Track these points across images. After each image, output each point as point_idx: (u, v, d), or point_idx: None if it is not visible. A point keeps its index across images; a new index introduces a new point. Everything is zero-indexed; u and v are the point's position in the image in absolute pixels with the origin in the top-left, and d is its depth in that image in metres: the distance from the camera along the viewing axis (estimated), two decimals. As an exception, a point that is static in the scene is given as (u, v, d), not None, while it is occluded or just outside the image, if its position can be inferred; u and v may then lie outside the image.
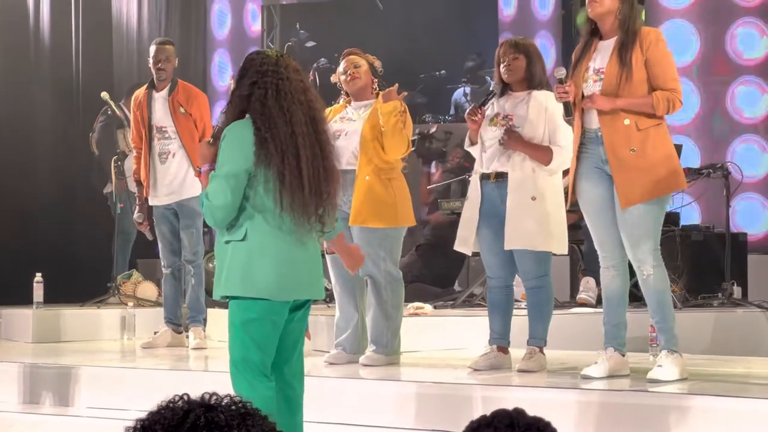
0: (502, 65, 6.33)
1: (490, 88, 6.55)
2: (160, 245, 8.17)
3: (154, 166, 8.00)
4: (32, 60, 11.10)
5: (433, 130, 11.95)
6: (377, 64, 6.84)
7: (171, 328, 8.18)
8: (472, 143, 6.45)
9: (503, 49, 6.37)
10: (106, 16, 11.94)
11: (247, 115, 4.45)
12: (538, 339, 6.30)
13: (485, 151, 6.35)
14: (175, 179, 7.90)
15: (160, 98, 8.06)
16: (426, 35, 12.44)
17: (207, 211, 4.41)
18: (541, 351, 6.28)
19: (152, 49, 8.17)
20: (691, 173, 8.86)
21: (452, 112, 12.44)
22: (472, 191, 6.44)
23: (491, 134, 6.33)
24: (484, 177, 6.35)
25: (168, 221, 8.06)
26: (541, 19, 12.08)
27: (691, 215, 10.43)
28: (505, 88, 6.39)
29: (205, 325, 8.13)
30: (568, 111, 5.75)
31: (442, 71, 12.61)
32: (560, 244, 6.32)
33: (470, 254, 6.57)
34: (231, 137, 4.42)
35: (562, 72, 5.70)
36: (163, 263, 8.17)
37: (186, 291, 8.13)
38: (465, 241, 6.42)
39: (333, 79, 6.95)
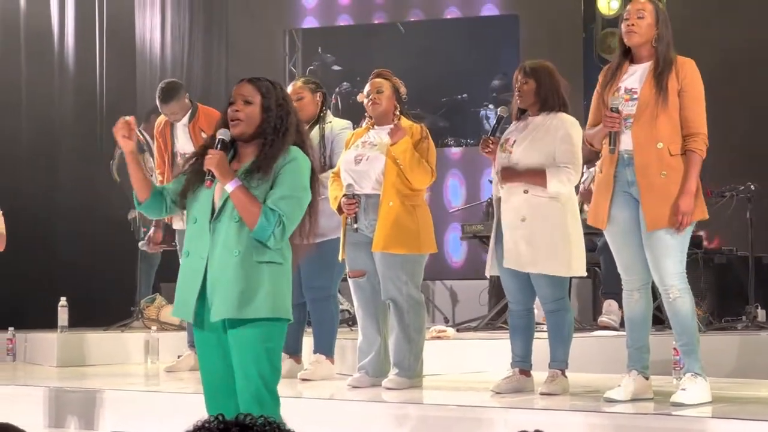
0: (515, 90, 6.37)
1: (498, 113, 6.54)
2: None
3: None
4: (56, 85, 11.17)
5: None
6: (402, 90, 6.84)
7: (194, 351, 8.18)
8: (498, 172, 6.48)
9: (516, 74, 6.40)
10: (129, 41, 12.01)
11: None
12: (559, 362, 6.29)
13: (498, 176, 6.37)
14: None
15: (181, 126, 8.08)
16: (448, 58, 12.48)
17: (282, 229, 4.35)
18: (563, 374, 6.27)
19: (158, 103, 8.15)
20: (715, 195, 8.86)
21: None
22: (495, 217, 6.47)
23: (501, 160, 6.34)
24: (499, 201, 6.38)
25: None
26: (563, 41, 12.08)
27: (715, 238, 10.41)
28: (524, 113, 6.42)
29: None
30: (612, 141, 5.74)
31: (465, 95, 12.65)
32: (561, 266, 6.24)
33: (489, 276, 6.56)
34: (304, 166, 4.48)
35: (617, 102, 5.70)
36: None
37: None
38: (490, 264, 6.43)
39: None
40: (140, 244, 8.95)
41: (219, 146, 4.45)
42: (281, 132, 4.47)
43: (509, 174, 6.22)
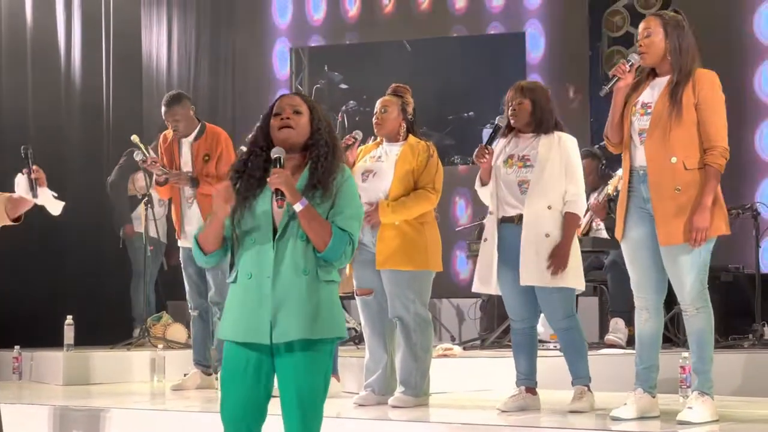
0: (509, 109, 6.38)
1: (496, 123, 6.55)
2: (187, 287, 8.20)
3: (182, 209, 8.07)
4: (63, 101, 11.18)
5: None
6: (410, 109, 6.84)
7: (200, 370, 8.19)
8: (483, 184, 6.46)
9: (511, 93, 6.41)
10: (136, 58, 12.04)
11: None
12: (582, 378, 6.30)
13: (504, 194, 6.36)
14: (199, 222, 7.90)
15: (186, 143, 8.12)
16: (454, 77, 12.49)
17: (351, 249, 4.36)
18: (589, 389, 6.28)
19: (162, 109, 8.20)
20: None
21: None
22: (488, 233, 6.43)
23: (505, 177, 6.34)
24: (506, 220, 6.35)
25: (194, 263, 8.09)
26: (568, 59, 12.10)
27: (721, 256, 10.38)
28: (514, 131, 6.43)
29: None
30: (609, 85, 5.75)
31: (471, 113, 12.65)
32: (577, 280, 6.28)
33: (493, 293, 6.52)
34: (354, 184, 4.48)
35: (634, 58, 5.71)
36: (190, 305, 8.20)
37: (214, 332, 8.13)
38: (486, 281, 6.39)
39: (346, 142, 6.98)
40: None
41: (280, 164, 4.36)
42: (332, 147, 4.44)
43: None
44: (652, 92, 5.71)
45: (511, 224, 6.33)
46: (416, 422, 6.10)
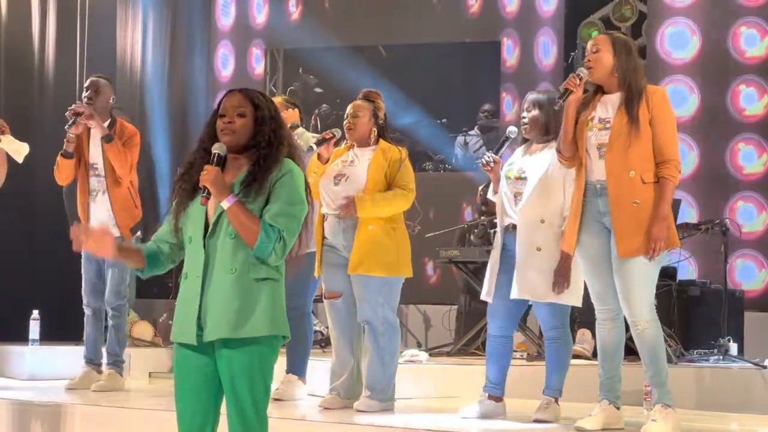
0: (522, 120, 6.39)
1: (506, 133, 6.56)
2: (83, 285, 7.97)
3: (86, 204, 7.95)
4: (36, 100, 11.13)
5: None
6: (381, 114, 6.84)
7: (90, 368, 8.03)
8: (495, 192, 6.47)
9: (523, 104, 6.43)
10: (110, 60, 11.98)
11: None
12: (554, 390, 6.30)
13: (505, 204, 6.35)
14: (102, 217, 7.79)
15: (96, 135, 7.99)
16: (427, 83, 12.51)
17: (283, 245, 4.25)
18: (557, 402, 6.28)
19: (90, 80, 8.13)
20: (689, 228, 8.89)
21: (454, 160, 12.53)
22: (495, 242, 6.45)
23: (505, 188, 6.33)
24: (506, 228, 6.36)
25: (94, 262, 7.94)
26: (544, 70, 12.14)
27: (688, 270, 10.44)
28: (527, 142, 6.43)
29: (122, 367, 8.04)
30: (563, 97, 5.76)
31: (444, 119, 12.67)
32: (573, 297, 6.24)
33: (491, 302, 6.45)
34: (299, 178, 4.36)
35: (584, 72, 5.75)
36: (84, 302, 7.99)
37: (108, 332, 7.96)
38: (490, 291, 6.40)
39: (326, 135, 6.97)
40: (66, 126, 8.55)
41: (215, 161, 4.32)
42: (275, 145, 4.36)
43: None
44: (606, 108, 5.78)
45: (508, 231, 6.34)
46: (381, 427, 6.10)
